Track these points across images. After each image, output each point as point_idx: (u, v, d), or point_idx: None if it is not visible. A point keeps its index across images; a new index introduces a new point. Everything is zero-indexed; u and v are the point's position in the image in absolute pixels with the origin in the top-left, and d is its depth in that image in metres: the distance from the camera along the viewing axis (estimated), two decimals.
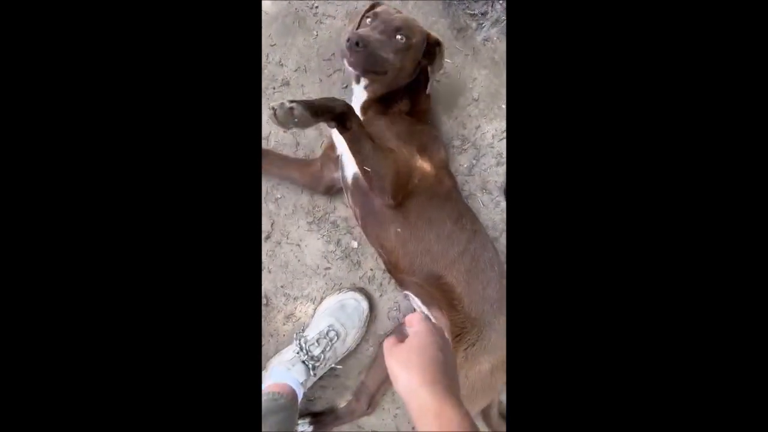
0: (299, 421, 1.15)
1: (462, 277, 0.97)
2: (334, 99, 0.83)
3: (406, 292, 1.09)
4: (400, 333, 0.64)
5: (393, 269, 1.05)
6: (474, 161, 1.17)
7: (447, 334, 1.02)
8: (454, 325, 0.99)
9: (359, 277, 1.19)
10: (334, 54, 1.16)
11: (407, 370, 0.56)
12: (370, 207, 0.98)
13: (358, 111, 1.02)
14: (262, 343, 1.18)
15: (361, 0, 1.15)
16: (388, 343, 0.62)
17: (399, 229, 0.96)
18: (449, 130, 1.17)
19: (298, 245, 1.18)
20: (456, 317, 0.98)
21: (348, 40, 0.85)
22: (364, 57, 0.87)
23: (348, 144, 0.88)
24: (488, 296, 0.98)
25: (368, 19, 0.93)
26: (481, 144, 1.17)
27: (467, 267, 0.97)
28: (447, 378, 0.55)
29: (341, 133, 0.85)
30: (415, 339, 0.60)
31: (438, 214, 0.96)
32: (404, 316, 1.19)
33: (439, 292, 0.99)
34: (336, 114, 0.82)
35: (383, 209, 0.95)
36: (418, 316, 0.64)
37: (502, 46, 1.17)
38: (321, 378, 1.16)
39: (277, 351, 1.16)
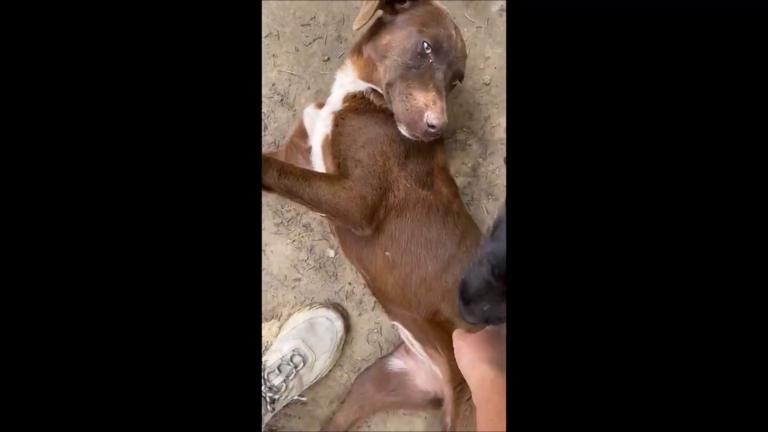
0: None
1: None
2: None
3: (395, 323, 0.90)
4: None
5: (378, 296, 0.86)
6: (480, 160, 0.96)
7: (445, 380, 0.85)
8: (453, 370, 0.80)
9: (335, 291, 1.00)
10: (314, 18, 0.94)
11: (473, 347, 0.68)
12: None
13: (339, 100, 0.80)
14: None
15: None
16: (459, 331, 0.72)
17: (388, 253, 0.76)
18: (452, 121, 0.96)
19: (263, 251, 0.98)
20: (455, 362, 0.79)
21: (432, 126, 0.67)
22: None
23: (286, 196, 0.72)
24: (499, 335, 0.79)
25: (427, 48, 0.69)
26: (490, 139, 0.96)
27: None
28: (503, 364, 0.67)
29: (266, 192, 0.71)
30: (483, 332, 0.71)
31: (437, 233, 0.76)
32: (386, 340, 1.02)
33: (437, 331, 0.80)
34: None
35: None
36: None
37: None
38: (285, 405, 0.99)
39: None
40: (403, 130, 0.71)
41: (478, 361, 0.66)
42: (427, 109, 0.66)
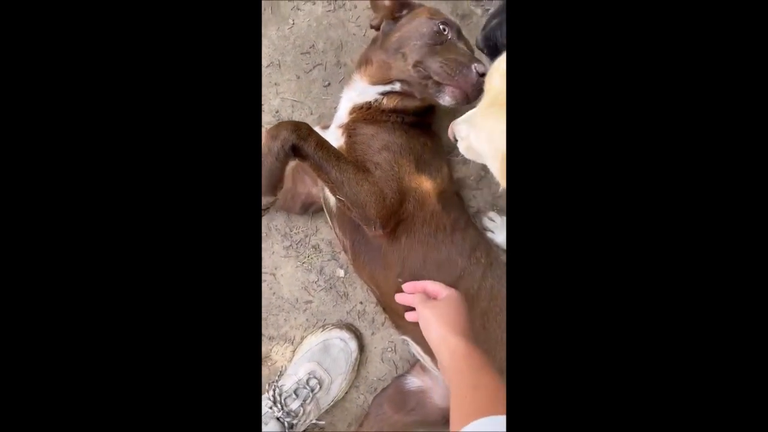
0: None
1: (476, 320, 0.78)
2: (276, 134, 0.69)
3: (405, 337, 0.90)
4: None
5: (390, 312, 0.87)
6: (482, 172, 0.98)
7: None
8: None
9: (347, 311, 1.00)
10: (313, 46, 0.97)
11: (442, 320, 0.67)
12: (364, 239, 0.80)
13: (346, 113, 0.83)
14: None
15: None
16: (421, 297, 0.73)
17: (400, 279, 0.78)
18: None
19: (273, 275, 0.99)
20: None
21: (482, 74, 0.71)
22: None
23: (313, 169, 0.72)
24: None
25: (444, 28, 0.76)
26: None
27: (483, 309, 0.79)
28: (472, 334, 0.67)
29: (301, 161, 0.71)
30: (446, 299, 0.71)
31: (446, 251, 0.78)
32: (401, 358, 1.02)
33: None
34: (287, 152, 0.68)
35: (380, 245, 0.78)
36: (442, 286, 0.74)
37: None
38: (303, 431, 0.98)
39: None
40: (448, 96, 0.74)
41: (450, 334, 0.66)
42: (471, 62, 0.72)
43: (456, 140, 0.65)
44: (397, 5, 0.81)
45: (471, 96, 0.72)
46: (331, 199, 0.82)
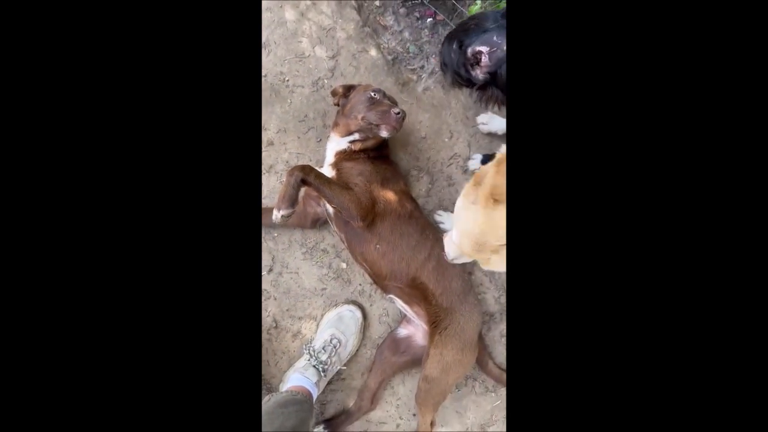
0: (316, 429, 1.34)
1: (432, 275, 1.23)
2: (291, 173, 1.10)
3: (390, 295, 1.33)
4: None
5: (377, 278, 1.29)
6: (429, 185, 1.45)
7: (425, 325, 1.27)
8: (430, 315, 1.24)
9: (351, 292, 1.42)
10: (306, 116, 1.45)
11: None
12: (352, 230, 1.24)
13: (332, 157, 1.30)
14: (276, 361, 1.39)
15: (321, 72, 1.45)
16: None
17: (378, 245, 1.22)
18: (406, 164, 1.46)
19: (297, 273, 1.41)
20: (431, 309, 1.24)
21: (398, 113, 1.17)
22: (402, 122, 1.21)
23: (315, 191, 1.16)
24: (454, 289, 1.24)
25: (375, 94, 1.24)
26: (433, 171, 1.46)
27: (434, 267, 1.23)
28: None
29: (308, 187, 1.14)
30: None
31: (406, 229, 1.22)
32: (393, 320, 1.44)
33: (416, 291, 1.24)
34: (298, 183, 1.11)
35: (362, 231, 1.21)
36: None
37: (439, 92, 1.48)
38: (330, 383, 1.38)
39: (290, 365, 1.37)
40: (384, 131, 1.18)
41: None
42: (390, 108, 1.17)
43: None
44: (345, 90, 1.31)
45: (397, 127, 1.19)
46: (329, 209, 1.26)
